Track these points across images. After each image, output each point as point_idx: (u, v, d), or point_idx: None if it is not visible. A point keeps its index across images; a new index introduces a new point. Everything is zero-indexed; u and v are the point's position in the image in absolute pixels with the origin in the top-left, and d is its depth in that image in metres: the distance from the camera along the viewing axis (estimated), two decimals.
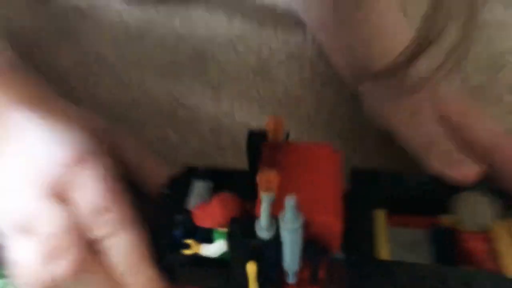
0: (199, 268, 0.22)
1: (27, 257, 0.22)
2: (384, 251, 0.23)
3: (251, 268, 0.19)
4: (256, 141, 0.22)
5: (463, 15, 0.23)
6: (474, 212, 0.22)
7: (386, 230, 0.24)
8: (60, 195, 0.22)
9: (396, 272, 0.21)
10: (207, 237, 0.22)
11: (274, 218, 0.19)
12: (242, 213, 0.21)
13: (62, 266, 0.21)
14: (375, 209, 0.25)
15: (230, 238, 0.20)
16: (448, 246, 0.23)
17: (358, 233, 0.23)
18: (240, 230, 0.19)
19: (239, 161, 0.27)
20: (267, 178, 0.18)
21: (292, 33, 0.40)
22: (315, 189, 0.20)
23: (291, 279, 0.21)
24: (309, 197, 0.19)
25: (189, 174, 0.25)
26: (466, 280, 0.20)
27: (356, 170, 0.26)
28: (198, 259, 0.22)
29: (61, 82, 0.36)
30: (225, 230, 0.21)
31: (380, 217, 0.25)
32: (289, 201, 0.17)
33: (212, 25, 0.40)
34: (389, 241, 0.24)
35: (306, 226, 0.18)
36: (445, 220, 0.24)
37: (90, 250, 0.22)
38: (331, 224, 0.19)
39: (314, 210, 0.19)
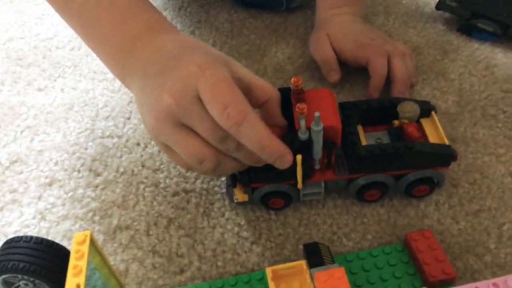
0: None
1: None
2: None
3: (299, 157, 0.37)
4: (286, 92, 0.39)
5: None
6: (408, 111, 0.41)
7: (363, 135, 0.43)
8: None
9: (373, 151, 0.39)
10: None
11: (307, 128, 0.36)
12: (287, 132, 0.38)
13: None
14: (357, 125, 0.43)
15: (287, 141, 0.37)
16: (398, 135, 0.41)
17: (350, 137, 0.41)
18: (292, 137, 0.36)
19: None
20: (300, 107, 0.35)
21: None
22: (324, 111, 0.37)
23: (317, 165, 0.39)
24: (322, 115, 0.36)
25: None
26: (409, 146, 0.39)
27: (341, 103, 0.44)
28: None
29: None
30: None
31: (359, 129, 0.43)
32: (316, 114, 0.34)
33: None
34: (366, 139, 0.42)
35: (324, 131, 0.36)
36: (395, 121, 0.42)
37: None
38: (336, 128, 0.37)
39: (326, 120, 0.36)
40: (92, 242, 0.29)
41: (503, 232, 0.40)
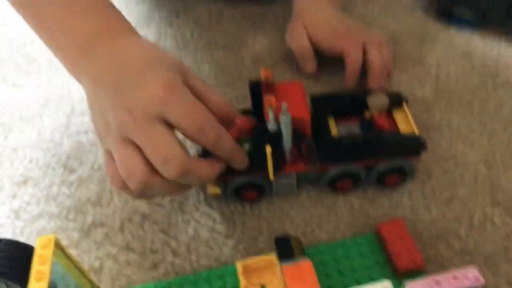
0: None
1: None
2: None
3: (268, 148, 0.37)
4: (256, 84, 0.39)
5: None
6: (377, 103, 0.41)
7: (335, 127, 0.43)
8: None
9: (344, 141, 0.39)
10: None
11: (276, 119, 0.36)
12: (257, 124, 0.38)
13: None
14: (329, 116, 0.43)
15: (256, 133, 0.37)
16: (369, 126, 0.41)
17: (321, 129, 0.41)
18: (260, 128, 0.36)
19: None
20: (269, 99, 0.35)
21: None
22: (294, 103, 0.37)
23: (288, 157, 0.39)
24: (291, 106, 0.36)
25: None
26: (378, 137, 0.39)
27: (313, 96, 0.44)
28: None
29: None
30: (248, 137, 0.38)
31: (332, 121, 0.43)
32: (283, 105, 0.34)
33: None
34: (338, 131, 0.42)
35: (291, 122, 0.36)
36: (366, 113, 0.42)
37: None
38: (304, 118, 0.37)
39: (294, 111, 0.36)
40: (58, 246, 0.29)
41: (474, 220, 0.40)
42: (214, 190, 0.41)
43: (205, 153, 0.36)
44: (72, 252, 0.40)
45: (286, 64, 0.57)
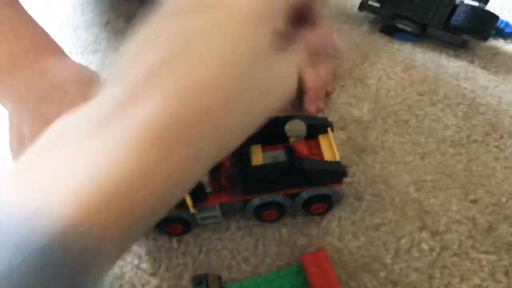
0: None
1: None
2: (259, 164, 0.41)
3: (186, 196, 0.36)
4: None
5: None
6: (293, 130, 0.40)
7: (261, 154, 0.42)
8: None
9: (267, 169, 0.39)
10: None
11: None
12: None
13: None
14: (255, 144, 0.42)
15: None
16: (291, 153, 0.41)
17: (241, 158, 0.40)
18: None
19: None
20: None
21: None
22: None
23: (207, 189, 0.38)
24: None
25: None
26: (296, 165, 0.38)
27: None
28: None
29: None
30: None
31: (258, 148, 0.42)
32: None
33: None
34: (263, 158, 0.42)
35: None
36: (291, 140, 0.41)
37: None
38: None
39: None
40: None
41: (401, 246, 0.40)
42: None
43: None
44: None
45: None
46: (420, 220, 0.41)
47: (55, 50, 0.39)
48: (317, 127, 0.42)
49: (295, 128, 0.40)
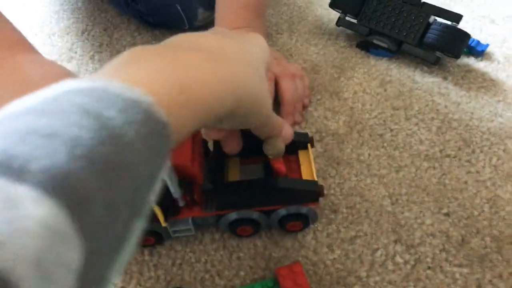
0: None
1: None
2: (235, 179, 0.40)
3: (157, 209, 0.35)
4: None
5: None
6: (270, 149, 0.40)
7: (239, 168, 0.41)
8: None
9: (242, 186, 0.38)
10: None
11: None
12: None
13: None
14: (232, 158, 0.42)
15: None
16: (269, 169, 0.40)
17: (218, 173, 0.40)
18: None
19: None
20: None
21: None
22: (179, 149, 0.36)
23: (180, 203, 0.37)
24: (175, 153, 0.35)
25: None
26: (272, 183, 0.38)
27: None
28: None
29: None
30: None
31: (236, 161, 0.42)
32: None
33: None
34: (241, 173, 0.41)
35: (176, 169, 0.35)
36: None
37: None
38: (185, 165, 0.35)
39: (176, 158, 0.35)
40: None
41: (376, 259, 0.40)
42: None
43: None
44: None
45: None
46: (395, 233, 0.41)
47: (26, 46, 0.38)
48: (296, 143, 0.41)
49: (271, 147, 0.39)
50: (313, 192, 0.38)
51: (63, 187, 0.15)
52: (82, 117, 0.17)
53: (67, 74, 0.36)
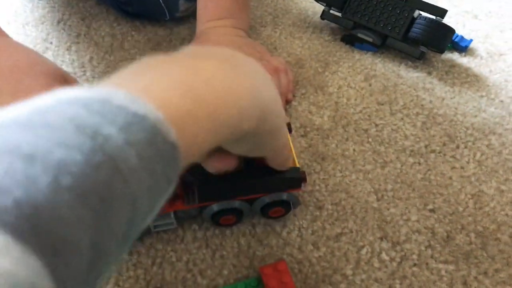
0: None
1: None
2: None
3: None
4: None
5: None
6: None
7: None
8: None
9: (223, 177, 0.37)
10: None
11: None
12: None
13: None
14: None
15: None
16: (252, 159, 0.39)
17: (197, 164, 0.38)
18: None
19: None
20: None
21: None
22: None
23: None
24: None
25: None
26: (255, 172, 0.36)
27: None
28: None
29: None
30: None
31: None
32: None
33: None
34: None
35: None
36: None
37: None
38: None
39: None
40: None
41: (361, 256, 0.39)
42: None
43: None
44: None
45: None
46: (380, 230, 0.41)
47: None
48: None
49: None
50: (296, 178, 0.37)
51: (38, 231, 0.12)
52: (74, 134, 0.14)
53: (44, 63, 0.34)
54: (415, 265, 0.38)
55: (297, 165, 0.38)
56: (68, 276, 0.12)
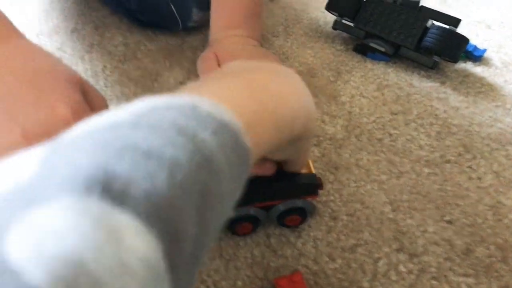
0: None
1: None
2: None
3: None
4: None
5: None
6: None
7: None
8: None
9: None
10: None
11: None
12: None
13: None
14: None
15: None
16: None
17: None
18: None
19: None
20: None
21: None
22: None
23: None
24: None
25: None
26: (272, 178, 0.36)
27: None
28: None
29: None
30: None
31: None
32: None
33: None
34: None
35: None
36: None
37: None
38: None
39: None
40: None
41: (378, 268, 0.38)
42: None
43: None
44: None
45: None
46: (397, 241, 0.40)
47: (14, 33, 0.35)
48: None
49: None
50: (312, 185, 0.37)
51: (163, 219, 0.13)
52: (177, 135, 0.15)
53: (62, 69, 0.33)
54: (433, 278, 0.38)
55: (313, 171, 0.38)
56: (179, 263, 0.14)
